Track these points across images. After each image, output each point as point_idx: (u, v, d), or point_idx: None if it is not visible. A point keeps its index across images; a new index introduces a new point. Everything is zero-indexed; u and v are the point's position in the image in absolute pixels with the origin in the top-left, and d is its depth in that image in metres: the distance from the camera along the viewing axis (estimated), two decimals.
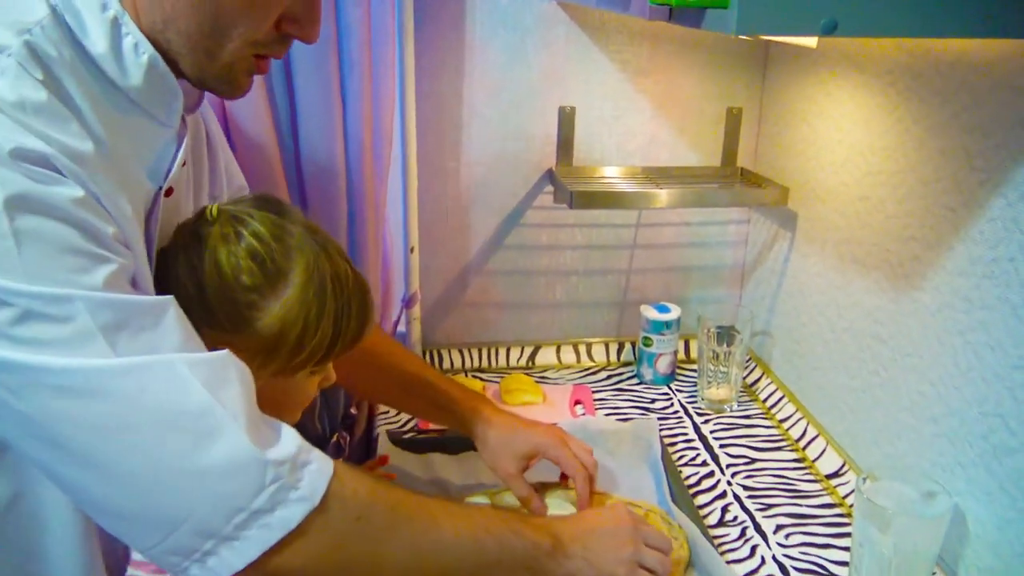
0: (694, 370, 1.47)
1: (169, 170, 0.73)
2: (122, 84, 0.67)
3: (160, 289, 0.73)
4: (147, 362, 0.60)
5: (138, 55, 0.67)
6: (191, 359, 0.62)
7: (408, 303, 1.38)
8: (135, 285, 0.65)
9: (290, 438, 0.66)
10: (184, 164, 0.76)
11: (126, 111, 0.68)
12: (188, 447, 0.60)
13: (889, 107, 1.04)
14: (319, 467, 0.66)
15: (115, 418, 0.59)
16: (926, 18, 0.66)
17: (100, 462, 0.59)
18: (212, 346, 0.73)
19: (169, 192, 0.74)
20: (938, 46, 0.94)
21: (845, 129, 1.16)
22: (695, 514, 1.05)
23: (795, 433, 1.28)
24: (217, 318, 0.74)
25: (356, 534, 0.68)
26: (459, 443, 1.18)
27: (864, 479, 0.92)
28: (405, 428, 1.28)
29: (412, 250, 1.35)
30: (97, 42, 0.65)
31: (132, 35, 0.66)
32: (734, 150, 1.44)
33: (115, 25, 0.65)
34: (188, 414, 0.61)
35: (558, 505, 1.04)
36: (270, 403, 0.80)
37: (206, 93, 0.78)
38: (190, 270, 0.74)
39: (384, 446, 1.17)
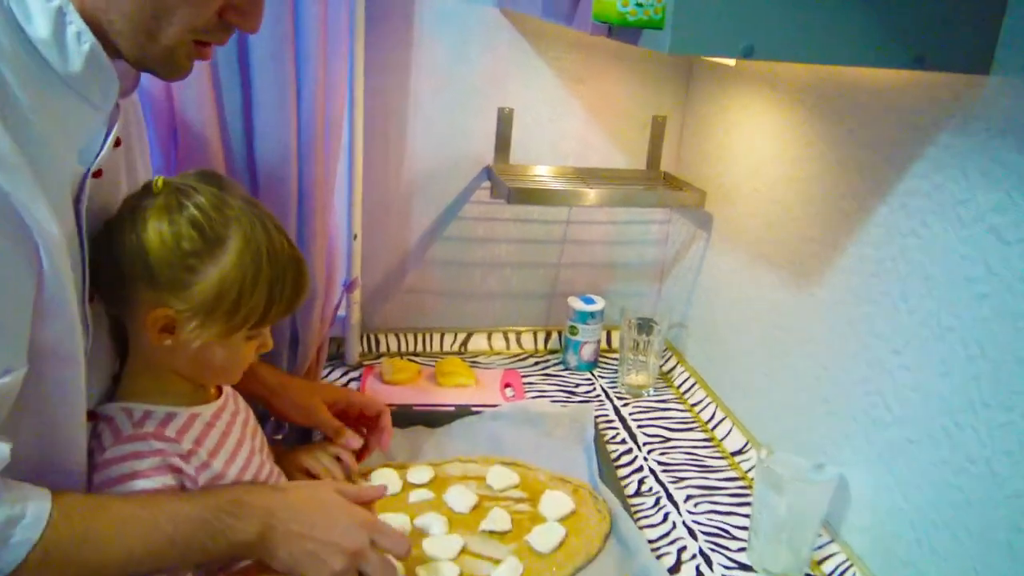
0: (615, 358, 1.58)
1: (98, 153, 0.78)
2: (60, 70, 0.71)
3: (105, 256, 0.80)
4: None
5: (80, 43, 0.71)
6: None
7: (349, 287, 1.44)
8: (43, 267, 0.69)
9: (2, 510, 0.68)
10: (118, 145, 0.81)
11: (61, 95, 0.72)
12: None
13: (796, 122, 1.17)
14: (21, 538, 0.68)
15: None
16: (827, 48, 0.78)
17: None
18: (151, 307, 0.81)
19: (98, 174, 0.79)
20: (840, 72, 1.07)
21: (758, 140, 1.29)
22: (617, 487, 1.15)
23: (705, 416, 1.40)
24: (159, 281, 0.81)
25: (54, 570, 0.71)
26: (405, 419, 1.26)
27: (764, 451, 1.04)
28: None
29: (355, 237, 1.41)
30: (40, 28, 0.69)
31: (75, 24, 0.71)
32: (658, 155, 1.56)
33: (59, 14, 0.70)
34: None
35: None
36: (208, 366, 0.88)
37: (142, 77, 0.83)
38: (135, 237, 0.81)
39: None
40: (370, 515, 0.90)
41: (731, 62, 1.16)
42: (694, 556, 1.07)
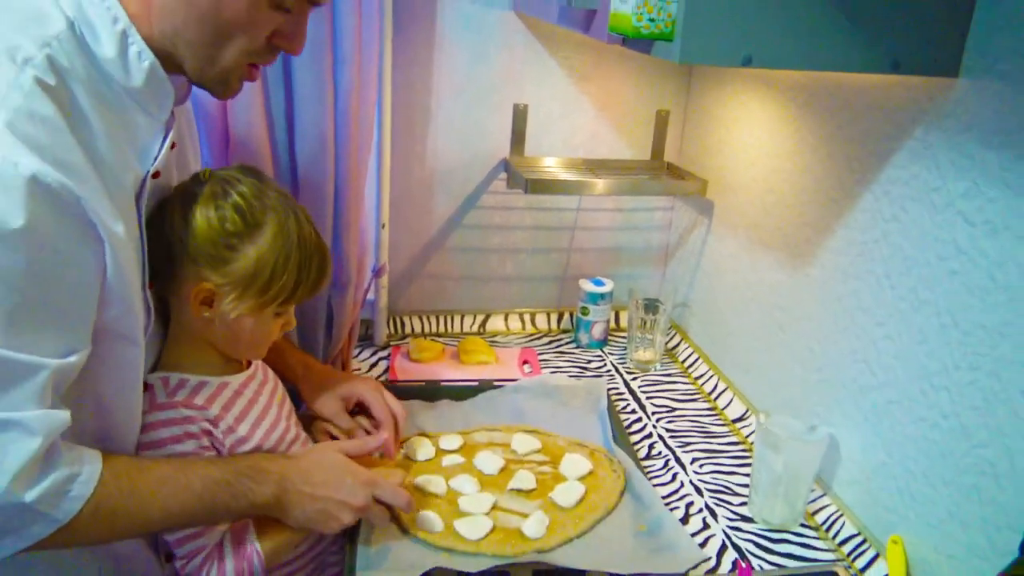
0: (624, 336, 1.69)
1: (156, 156, 0.89)
2: (124, 84, 0.83)
3: (156, 237, 0.91)
4: None
5: (141, 61, 0.83)
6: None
7: (378, 273, 1.56)
8: (107, 262, 0.79)
9: (62, 470, 0.78)
10: (173, 147, 0.93)
11: (124, 106, 0.84)
12: None
13: (790, 118, 1.28)
14: (78, 492, 0.79)
15: None
16: (815, 56, 0.89)
17: None
18: (195, 282, 0.94)
19: (157, 175, 0.90)
20: (828, 74, 1.18)
21: (755, 134, 1.40)
22: (631, 451, 1.26)
23: (708, 387, 1.52)
24: (203, 258, 0.94)
25: (99, 527, 0.82)
26: (433, 393, 1.38)
27: (763, 415, 1.16)
28: (380, 379, 1.46)
29: (384, 226, 1.53)
30: (107, 49, 0.81)
31: (136, 44, 0.82)
32: (662, 147, 1.67)
33: (123, 36, 0.82)
34: None
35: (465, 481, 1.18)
36: (239, 338, 1.00)
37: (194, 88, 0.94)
38: (183, 219, 0.93)
39: None
40: (371, 473, 1.02)
41: None
42: (700, 510, 1.19)
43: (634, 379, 1.56)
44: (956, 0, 0.90)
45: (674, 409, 1.46)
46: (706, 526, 1.15)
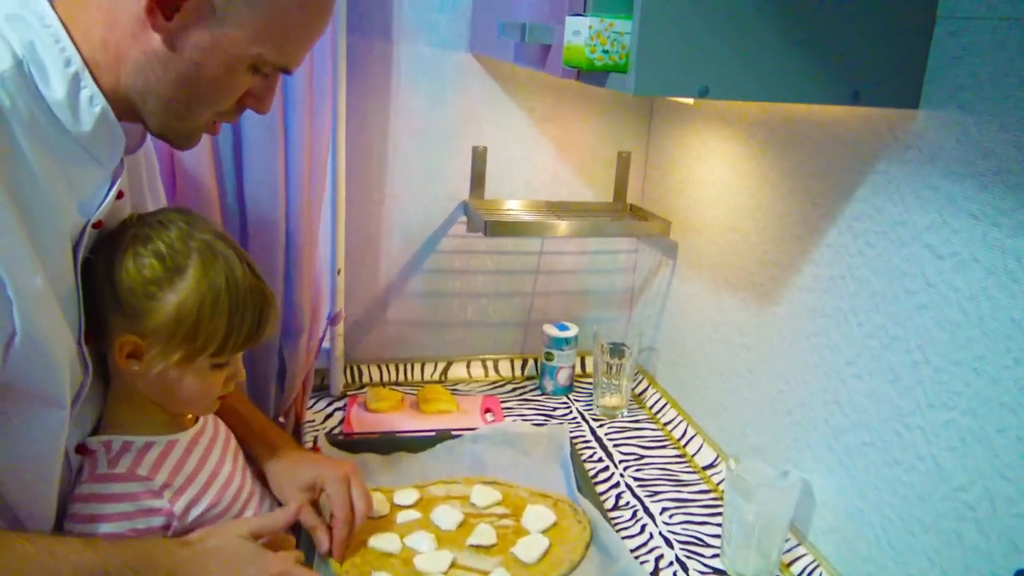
0: (589, 382, 1.65)
1: (99, 205, 0.84)
2: (72, 128, 0.78)
3: (86, 289, 0.86)
4: None
5: (92, 106, 0.79)
6: None
7: (333, 320, 1.50)
8: (15, 321, 0.74)
9: None
10: (120, 197, 0.88)
11: (70, 152, 0.79)
12: None
13: (751, 154, 1.26)
14: None
15: None
16: (773, 87, 0.87)
17: None
18: (120, 333, 0.88)
19: (99, 225, 0.86)
20: (787, 108, 1.16)
21: (717, 172, 1.38)
22: (596, 500, 1.21)
23: (677, 433, 1.47)
24: (123, 307, 0.88)
25: None
26: (389, 445, 1.31)
27: (732, 461, 1.11)
28: (334, 432, 1.39)
29: (339, 272, 1.47)
30: (57, 91, 0.76)
31: (88, 88, 0.78)
32: (624, 188, 1.64)
33: (75, 79, 0.77)
34: None
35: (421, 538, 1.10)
36: (175, 392, 0.93)
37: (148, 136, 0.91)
38: (107, 266, 0.88)
39: (324, 447, 1.28)
40: (282, 562, 0.90)
41: (690, 100, 1.25)
42: (671, 563, 1.13)
43: (600, 426, 1.50)
44: (914, 30, 0.88)
45: (642, 457, 1.41)
46: None
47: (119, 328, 0.88)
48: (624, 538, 1.16)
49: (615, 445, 1.44)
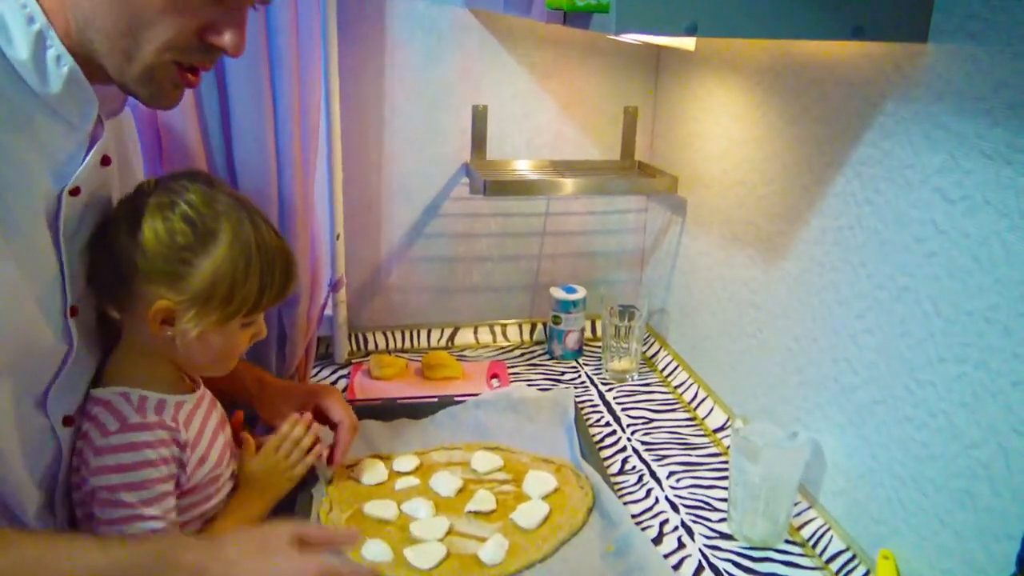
0: (599, 347, 1.61)
1: (76, 171, 0.79)
2: (40, 91, 0.74)
3: (105, 258, 0.84)
4: None
5: (59, 66, 0.74)
6: None
7: (334, 287, 1.47)
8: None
9: None
10: (106, 164, 0.84)
11: (39, 115, 0.75)
12: None
13: (757, 103, 1.20)
14: None
15: None
16: (768, 23, 0.81)
17: None
18: (152, 300, 0.85)
19: (76, 192, 0.81)
20: (792, 51, 1.10)
21: (724, 123, 1.32)
22: (600, 465, 1.17)
23: (688, 396, 1.43)
24: (157, 276, 0.86)
25: None
26: (391, 411, 1.29)
27: (739, 421, 1.07)
28: None
29: (338, 237, 1.44)
30: (20, 51, 0.72)
31: (55, 48, 0.74)
32: (631, 145, 1.59)
33: (40, 37, 0.73)
34: None
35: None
36: (205, 354, 0.92)
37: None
38: (131, 236, 0.85)
39: None
40: (318, 563, 0.80)
41: (692, 47, 1.19)
42: (676, 528, 1.09)
43: (609, 390, 1.47)
44: None
45: (651, 420, 1.37)
46: (681, 545, 1.06)
47: (149, 296, 0.86)
48: (628, 503, 1.13)
49: (623, 409, 1.40)
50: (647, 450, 1.27)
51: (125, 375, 0.92)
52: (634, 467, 1.23)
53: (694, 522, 1.10)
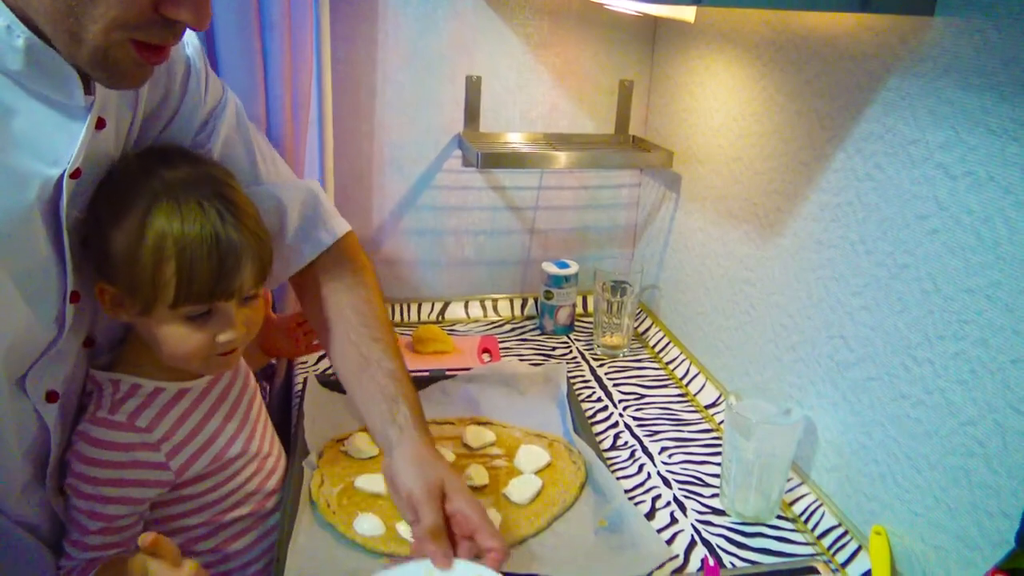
0: (591, 322, 1.60)
1: (72, 154, 0.74)
2: (4, 70, 0.68)
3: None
4: None
5: (12, 38, 0.67)
6: None
7: None
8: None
9: None
10: (103, 127, 0.79)
11: (8, 97, 0.69)
12: None
13: (756, 76, 1.19)
14: None
15: None
16: None
17: None
18: (97, 279, 0.84)
19: (76, 174, 0.76)
20: (795, 23, 1.09)
21: (721, 97, 1.30)
22: (592, 440, 1.17)
23: (679, 372, 1.43)
24: (92, 250, 0.84)
25: None
26: None
27: (732, 397, 1.07)
28: (327, 372, 1.35)
29: None
30: None
31: (4, 17, 0.66)
32: (626, 119, 1.57)
33: None
34: None
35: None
36: (161, 347, 0.87)
37: None
38: (110, 216, 0.83)
39: (313, 388, 1.25)
40: None
41: (691, 17, 1.17)
42: (668, 503, 1.09)
43: (601, 365, 1.46)
44: None
45: (642, 396, 1.36)
46: (674, 520, 1.06)
47: (97, 274, 0.85)
48: (621, 478, 1.13)
49: (615, 385, 1.39)
50: (639, 425, 1.27)
51: (127, 360, 0.92)
52: (626, 442, 1.23)
53: (686, 497, 1.10)
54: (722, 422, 1.26)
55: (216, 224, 0.83)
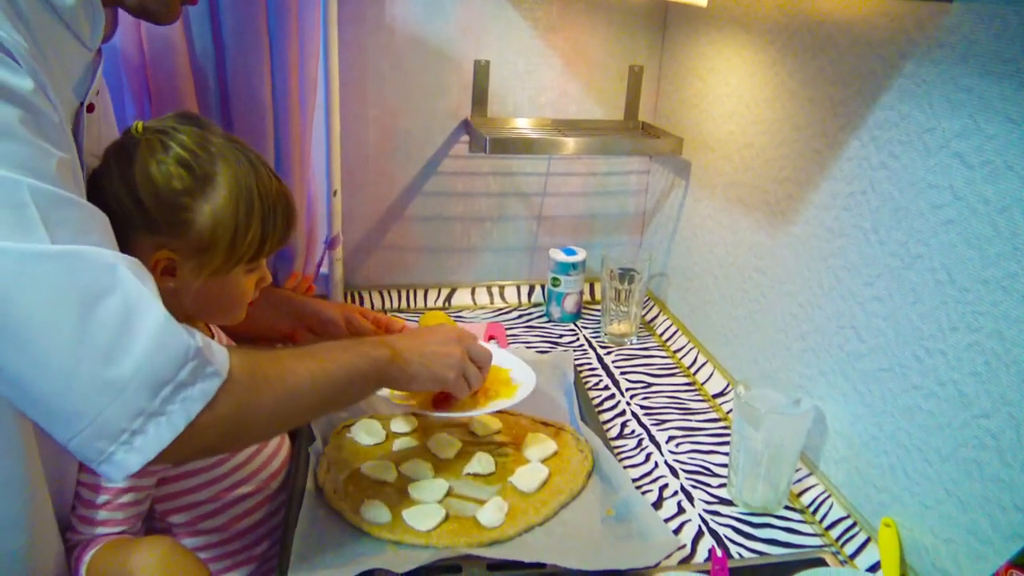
0: (598, 309, 1.59)
1: (89, 88, 0.78)
2: (56, 2, 0.71)
3: (99, 205, 0.79)
4: (81, 250, 0.63)
5: None
6: (117, 253, 0.67)
7: (331, 244, 1.45)
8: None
9: (189, 328, 0.69)
10: (92, 111, 0.80)
11: (57, 29, 0.72)
12: (119, 324, 0.63)
13: (769, 62, 1.17)
14: (220, 347, 0.71)
15: (48, 299, 0.60)
16: None
17: (32, 340, 0.60)
18: (152, 250, 0.81)
19: (91, 108, 0.79)
20: (809, 8, 1.07)
21: (732, 84, 1.29)
22: (599, 429, 1.16)
23: (687, 361, 1.42)
24: (156, 224, 0.82)
25: (246, 402, 0.71)
26: None
27: (741, 387, 1.06)
28: None
29: (335, 193, 1.41)
30: None
31: None
32: (636, 105, 1.56)
33: None
34: (118, 296, 0.63)
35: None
36: (212, 303, 0.90)
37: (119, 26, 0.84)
38: (124, 183, 0.81)
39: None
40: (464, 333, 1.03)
41: (704, 2, 1.16)
42: (676, 493, 1.08)
43: (608, 354, 1.45)
44: None
45: (650, 385, 1.36)
46: (681, 510, 1.05)
47: (147, 245, 0.83)
48: (628, 467, 1.12)
49: (622, 373, 1.39)
50: (646, 414, 1.26)
51: None
52: (633, 431, 1.22)
53: (694, 487, 1.10)
54: (730, 411, 1.26)
55: (275, 180, 0.90)
